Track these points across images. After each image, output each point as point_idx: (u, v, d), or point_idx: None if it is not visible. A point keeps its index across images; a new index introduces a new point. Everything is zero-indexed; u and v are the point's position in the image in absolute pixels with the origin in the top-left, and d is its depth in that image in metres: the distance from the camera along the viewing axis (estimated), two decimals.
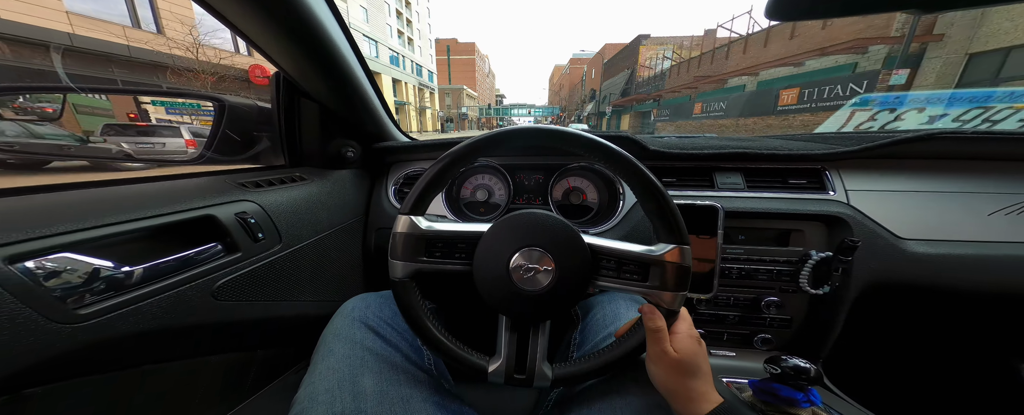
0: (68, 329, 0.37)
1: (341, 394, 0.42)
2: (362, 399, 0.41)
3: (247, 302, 0.58)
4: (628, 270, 0.41)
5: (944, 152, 0.73)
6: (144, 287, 0.44)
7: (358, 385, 0.43)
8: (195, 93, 0.89)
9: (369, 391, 0.42)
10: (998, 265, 0.65)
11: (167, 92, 4.73)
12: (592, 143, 0.42)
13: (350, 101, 0.77)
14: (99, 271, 0.40)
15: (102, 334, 0.40)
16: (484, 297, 0.43)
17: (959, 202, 0.70)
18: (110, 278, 0.41)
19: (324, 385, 0.43)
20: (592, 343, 0.53)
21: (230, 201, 0.57)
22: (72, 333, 0.38)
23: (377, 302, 0.56)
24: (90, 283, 0.39)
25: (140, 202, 0.47)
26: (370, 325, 0.51)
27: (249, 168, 0.74)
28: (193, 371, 0.55)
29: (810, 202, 0.72)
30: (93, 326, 0.39)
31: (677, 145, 0.80)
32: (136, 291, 0.43)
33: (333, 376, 0.44)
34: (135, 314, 0.43)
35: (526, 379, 0.43)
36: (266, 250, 0.60)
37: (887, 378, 0.61)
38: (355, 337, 0.49)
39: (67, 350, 0.37)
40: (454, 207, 0.89)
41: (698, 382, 0.39)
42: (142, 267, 0.44)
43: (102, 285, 0.40)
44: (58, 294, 0.37)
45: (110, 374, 0.43)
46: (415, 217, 0.43)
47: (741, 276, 0.74)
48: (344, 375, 0.44)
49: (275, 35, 0.58)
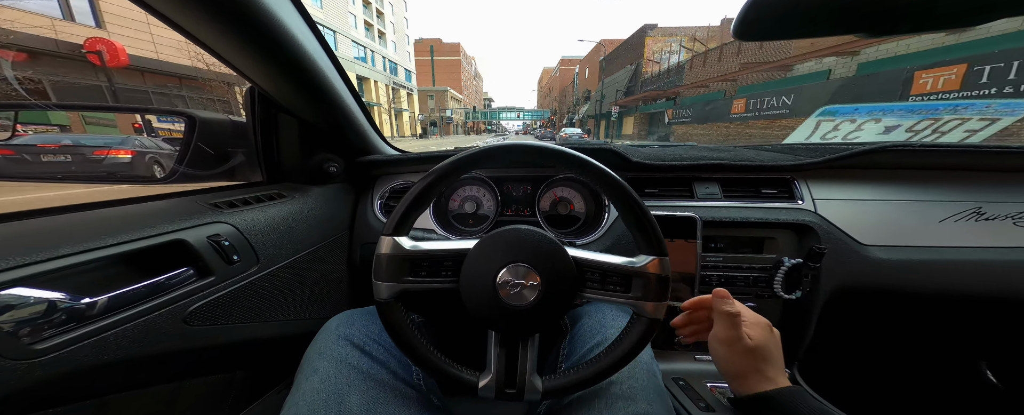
0: (23, 365, 0.35)
1: (326, 414, 0.41)
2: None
3: (223, 325, 0.56)
4: (612, 282, 0.43)
5: (898, 163, 0.78)
6: (109, 317, 0.42)
7: (344, 404, 0.42)
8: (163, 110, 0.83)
9: (356, 410, 0.42)
10: (951, 270, 0.70)
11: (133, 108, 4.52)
12: (572, 158, 0.43)
13: (331, 115, 0.76)
14: (56, 304, 0.38)
15: (61, 368, 0.38)
16: (472, 313, 0.43)
17: (914, 210, 0.75)
18: (69, 310, 0.39)
19: (308, 406, 0.42)
20: (580, 353, 0.54)
21: (202, 224, 0.55)
22: (27, 369, 0.36)
23: (362, 318, 0.55)
24: (47, 316, 0.38)
25: (102, 228, 0.45)
26: (355, 342, 0.50)
27: (223, 186, 0.72)
28: (169, 396, 0.53)
29: (781, 211, 0.76)
30: (51, 360, 0.37)
31: (659, 156, 0.82)
32: (100, 322, 0.41)
33: (317, 396, 0.43)
34: (99, 345, 0.41)
35: (516, 393, 0.43)
36: (241, 272, 0.58)
37: (859, 379, 0.65)
38: (340, 355, 0.48)
39: (22, 387, 0.36)
40: (442, 220, 0.89)
41: (770, 367, 0.42)
42: (106, 296, 0.42)
43: (61, 317, 0.38)
44: (9, 330, 0.35)
45: (74, 404, 0.41)
46: (398, 238, 0.43)
47: (720, 283, 0.77)
48: (329, 395, 0.43)
49: (247, 52, 0.56)
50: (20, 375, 0.35)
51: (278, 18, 0.52)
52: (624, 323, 0.54)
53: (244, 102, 0.71)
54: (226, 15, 0.48)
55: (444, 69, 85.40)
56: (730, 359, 0.44)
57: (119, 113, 2.85)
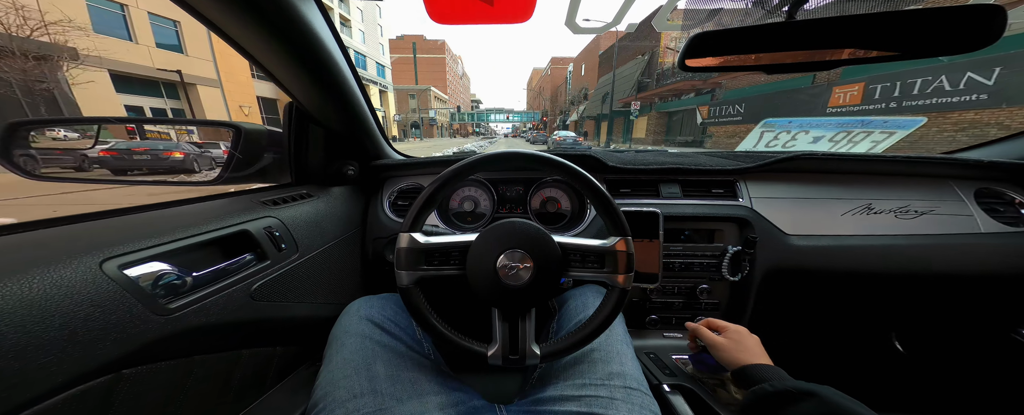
0: (160, 320, 0.46)
1: (358, 378, 0.48)
2: (377, 381, 0.48)
3: (275, 302, 0.67)
4: (590, 260, 0.52)
5: (810, 167, 0.96)
6: (206, 288, 0.53)
7: (372, 370, 0.50)
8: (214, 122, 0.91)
9: (382, 375, 0.49)
10: (849, 253, 0.88)
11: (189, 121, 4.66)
12: (555, 163, 0.53)
13: (353, 125, 0.88)
14: (177, 275, 0.50)
15: (182, 325, 0.49)
16: (476, 294, 0.50)
17: (823, 206, 0.93)
18: (183, 281, 0.51)
19: (342, 372, 0.50)
20: (567, 329, 0.64)
21: (258, 217, 0.66)
22: (164, 324, 0.46)
23: (379, 303, 0.64)
24: (170, 284, 0.49)
25: (191, 220, 0.57)
26: (375, 322, 0.58)
27: (264, 187, 0.83)
28: (230, 363, 0.63)
29: (726, 207, 0.92)
30: (176, 318, 0.48)
31: (631, 161, 0.97)
32: (202, 291, 0.52)
33: (348, 365, 0.50)
34: (203, 310, 0.52)
35: (519, 359, 0.50)
36: (288, 258, 0.70)
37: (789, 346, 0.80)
38: (363, 332, 0.56)
39: (159, 337, 0.46)
40: (444, 218, 1.01)
41: (744, 352, 0.59)
42: (205, 271, 0.54)
43: (180, 286, 0.50)
44: (151, 292, 0.46)
45: (182, 359, 0.52)
46: (414, 233, 0.51)
47: (681, 268, 0.92)
48: (359, 363, 0.50)
49: (295, 71, 0.68)
50: (159, 327, 0.46)
51: (322, 42, 0.64)
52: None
53: (283, 114, 0.83)
54: (285, 40, 0.60)
55: (427, 68, 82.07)
56: (721, 358, 0.61)
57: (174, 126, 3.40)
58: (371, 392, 0.47)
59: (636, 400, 0.49)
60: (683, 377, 0.72)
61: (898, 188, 0.94)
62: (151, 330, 0.45)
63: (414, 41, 75.20)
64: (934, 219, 0.90)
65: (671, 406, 0.63)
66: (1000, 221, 0.89)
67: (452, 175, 0.52)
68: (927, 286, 0.92)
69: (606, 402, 0.48)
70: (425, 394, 0.50)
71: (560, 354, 0.52)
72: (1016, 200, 0.92)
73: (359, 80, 0.82)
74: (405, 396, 0.48)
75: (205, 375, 0.56)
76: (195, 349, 0.53)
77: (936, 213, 0.91)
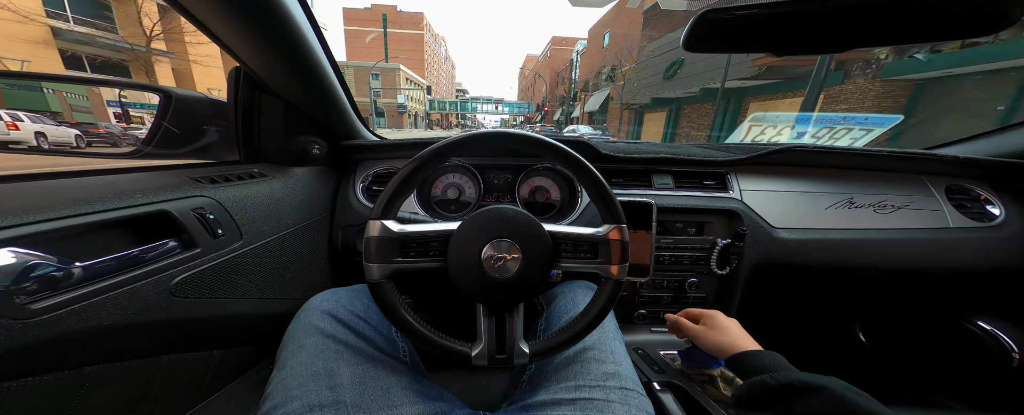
0: (17, 325, 0.35)
1: (317, 387, 0.41)
2: (340, 390, 0.41)
3: (207, 299, 0.56)
4: (583, 250, 0.48)
5: (799, 161, 0.97)
6: (98, 282, 0.42)
7: (335, 377, 0.43)
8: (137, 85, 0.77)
9: (346, 382, 0.43)
10: (832, 246, 0.89)
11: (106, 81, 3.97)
12: (549, 145, 0.48)
13: (318, 98, 0.77)
14: (49, 266, 0.38)
15: (54, 330, 0.38)
16: (460, 288, 0.45)
17: (808, 199, 0.93)
18: (60, 273, 0.39)
19: (297, 380, 0.42)
20: (557, 327, 0.59)
21: (185, 196, 0.55)
22: (22, 329, 0.36)
23: (347, 296, 0.56)
24: (40, 278, 0.37)
25: (86, 195, 0.44)
26: (340, 318, 0.51)
27: (200, 163, 0.70)
28: (147, 372, 0.52)
29: (717, 199, 0.91)
30: (44, 322, 0.37)
31: (623, 150, 0.93)
32: (89, 286, 0.41)
33: (306, 371, 0.43)
34: (90, 310, 0.41)
35: (507, 358, 0.46)
36: (225, 247, 0.59)
37: (770, 339, 0.80)
38: (326, 330, 0.48)
39: (18, 346, 0.35)
40: (425, 206, 0.92)
41: (724, 335, 0.58)
42: (94, 262, 0.42)
43: (53, 280, 0.38)
44: (6, 289, 0.35)
45: (61, 373, 0.41)
46: (386, 221, 0.45)
47: (671, 262, 0.90)
48: (318, 368, 0.43)
49: (244, 30, 0.57)
50: (15, 335, 0.35)
51: (282, 1, 0.53)
52: (588, 300, 0.62)
53: (228, 82, 0.70)
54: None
55: (401, 44, 64.40)
56: (706, 347, 0.60)
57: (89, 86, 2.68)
58: (333, 403, 0.40)
59: (633, 402, 0.46)
60: (672, 374, 0.70)
61: (877, 183, 0.97)
62: (5, 338, 0.35)
63: (385, 12, 59.62)
64: (909, 214, 0.93)
65: (662, 405, 0.60)
66: (967, 216, 0.93)
67: (432, 155, 0.46)
68: (896, 278, 0.96)
69: (602, 405, 0.45)
70: (398, 404, 0.43)
71: (550, 352, 0.48)
72: (982, 196, 0.96)
73: (326, 47, 0.71)
74: (375, 407, 0.42)
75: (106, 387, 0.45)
76: (85, 358, 0.43)
77: (911, 208, 0.93)
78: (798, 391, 0.40)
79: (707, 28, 0.52)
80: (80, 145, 2.66)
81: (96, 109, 12.75)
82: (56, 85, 9.19)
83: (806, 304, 1.11)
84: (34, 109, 9.71)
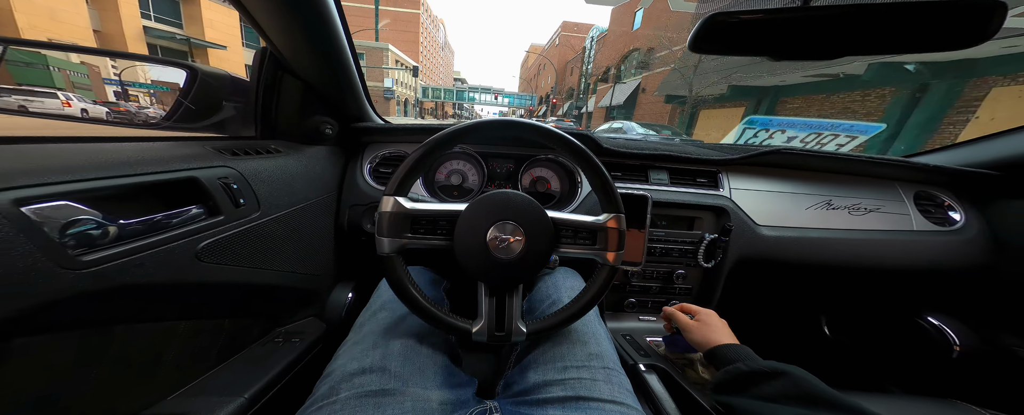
0: (70, 275, 0.38)
1: (374, 352, 0.48)
2: (390, 358, 0.47)
3: (226, 266, 0.59)
4: (582, 236, 0.51)
5: (786, 163, 1.03)
6: (136, 241, 0.45)
7: (389, 346, 0.49)
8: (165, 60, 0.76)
9: (396, 351, 0.48)
10: (809, 244, 0.95)
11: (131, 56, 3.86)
12: (556, 135, 0.51)
13: (335, 80, 0.80)
14: (97, 221, 0.41)
15: (99, 283, 0.41)
16: (464, 267, 0.48)
17: (791, 199, 0.99)
18: (107, 229, 0.42)
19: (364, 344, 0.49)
20: (539, 310, 0.64)
21: (212, 166, 0.57)
22: (74, 280, 0.38)
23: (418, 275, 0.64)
24: (87, 234, 0.40)
25: (124, 159, 0.47)
26: None
27: (220, 136, 0.72)
28: (166, 335, 0.54)
29: (709, 196, 0.96)
30: (91, 274, 0.40)
31: (624, 145, 0.98)
32: (128, 244, 0.44)
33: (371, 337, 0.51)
34: (128, 266, 0.44)
35: (505, 335, 0.49)
36: (245, 216, 0.61)
37: (748, 330, 0.86)
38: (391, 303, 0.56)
39: (66, 296, 0.38)
40: (429, 189, 0.96)
41: (713, 332, 0.62)
42: (132, 221, 0.45)
43: (100, 235, 0.41)
44: (63, 240, 0.37)
45: (93, 329, 0.43)
46: (399, 198, 0.47)
47: (662, 253, 0.95)
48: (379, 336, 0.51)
49: (278, 11, 0.59)
50: (68, 284, 0.37)
51: None
52: (571, 285, 0.68)
53: (253, 61, 0.73)
54: None
55: (393, 22, 59.32)
56: (693, 340, 0.65)
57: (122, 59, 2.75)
58: (380, 369, 0.45)
59: (614, 380, 0.50)
60: (656, 357, 0.75)
61: (853, 187, 1.03)
62: (55, 287, 0.37)
63: None
64: (879, 216, 1.00)
65: (646, 384, 0.65)
66: (930, 221, 1.00)
67: (447, 137, 0.49)
68: (862, 276, 1.02)
69: (589, 383, 0.48)
70: (431, 387, 0.47)
71: (548, 330, 0.51)
72: (945, 203, 1.04)
73: (348, 31, 0.73)
74: (413, 381, 0.46)
75: (128, 348, 0.47)
76: (116, 316, 0.45)
77: (881, 211, 1.00)
78: (765, 376, 0.47)
79: (714, 31, 0.56)
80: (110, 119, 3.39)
81: (95, 86, 13.51)
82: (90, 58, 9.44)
83: (779, 298, 1.17)
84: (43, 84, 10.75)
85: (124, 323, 0.47)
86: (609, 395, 0.47)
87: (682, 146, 1.06)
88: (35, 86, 8.67)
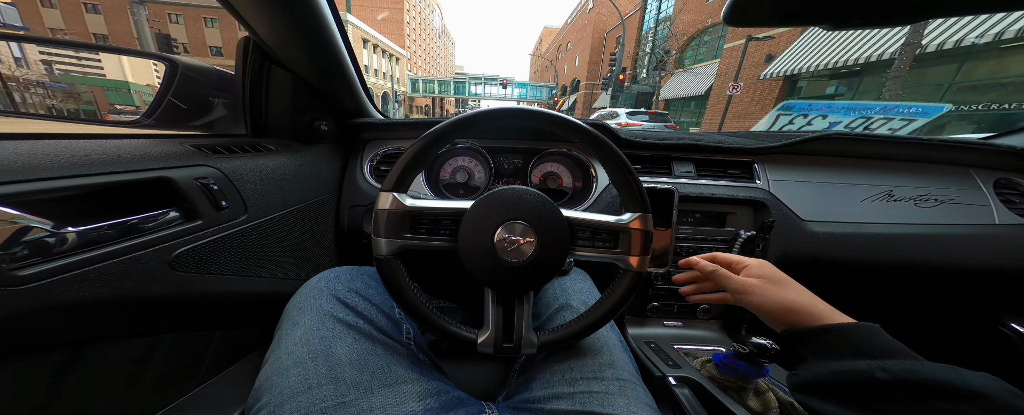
0: (2, 292, 0.33)
1: (313, 365, 0.39)
2: (338, 367, 0.39)
3: (208, 275, 0.54)
4: (601, 238, 0.45)
5: (835, 150, 0.91)
6: (93, 250, 0.40)
7: (332, 355, 0.40)
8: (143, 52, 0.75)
9: (345, 360, 0.40)
10: (867, 242, 0.83)
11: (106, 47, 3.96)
12: (571, 124, 0.45)
13: (329, 74, 0.74)
14: (41, 230, 0.36)
15: (44, 300, 0.36)
16: (470, 271, 0.43)
17: (842, 191, 0.88)
18: (52, 238, 0.37)
19: (293, 359, 0.40)
20: (545, 316, 0.57)
21: (188, 165, 0.52)
22: (7, 297, 0.33)
23: (348, 275, 0.53)
24: (30, 243, 0.35)
25: (84, 158, 0.42)
26: (340, 298, 0.48)
27: (205, 134, 0.68)
28: (145, 350, 0.50)
29: (743, 189, 0.86)
30: (33, 290, 0.35)
31: (643, 135, 0.89)
32: (84, 254, 0.39)
33: (302, 349, 0.41)
34: (84, 279, 0.39)
35: (514, 347, 0.45)
36: (229, 220, 0.56)
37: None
38: (323, 308, 0.46)
39: (3, 316, 0.33)
40: (434, 188, 0.90)
41: (791, 291, 0.43)
42: (90, 227, 0.40)
43: (44, 245, 0.36)
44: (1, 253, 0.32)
45: (53, 350, 0.39)
46: (398, 194, 0.43)
47: (690, 254, 0.86)
48: (315, 346, 0.41)
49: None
50: (4, 303, 0.33)
51: None
52: (580, 288, 0.60)
53: (236, 52, 0.67)
54: None
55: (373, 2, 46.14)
56: (754, 303, 0.46)
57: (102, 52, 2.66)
58: (331, 381, 0.38)
59: (631, 393, 0.45)
60: (688, 369, 0.66)
61: (919, 175, 0.90)
62: None
63: None
64: (953, 208, 0.87)
65: (677, 400, 0.57)
66: (1015, 212, 0.87)
67: (452, 126, 0.44)
68: (928, 277, 0.90)
69: (602, 397, 0.43)
70: (399, 382, 0.42)
71: (562, 343, 0.46)
72: None
73: (338, 17, 0.68)
74: (375, 385, 0.40)
75: (101, 366, 0.43)
76: (78, 333, 0.40)
77: (956, 202, 0.87)
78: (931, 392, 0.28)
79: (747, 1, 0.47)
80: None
81: None
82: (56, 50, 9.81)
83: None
84: None
85: (93, 340, 0.43)
86: (624, 409, 0.42)
87: (709, 135, 0.95)
88: None
